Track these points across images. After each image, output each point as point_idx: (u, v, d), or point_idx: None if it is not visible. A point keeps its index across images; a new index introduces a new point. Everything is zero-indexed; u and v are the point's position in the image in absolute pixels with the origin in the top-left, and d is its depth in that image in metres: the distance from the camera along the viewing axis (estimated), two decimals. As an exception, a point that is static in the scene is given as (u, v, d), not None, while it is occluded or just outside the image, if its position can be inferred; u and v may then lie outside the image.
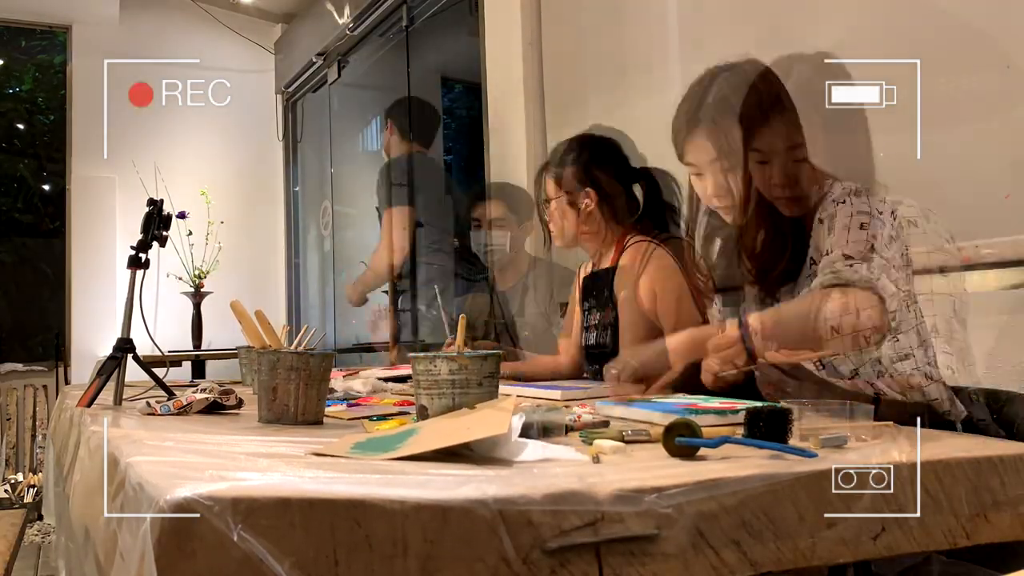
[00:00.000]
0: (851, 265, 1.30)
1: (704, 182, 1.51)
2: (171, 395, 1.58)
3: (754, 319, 1.32)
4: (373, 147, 5.54)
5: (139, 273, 1.75)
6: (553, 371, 2.23)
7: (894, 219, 1.38)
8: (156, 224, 1.79)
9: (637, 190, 2.14)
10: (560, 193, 2.14)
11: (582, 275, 2.24)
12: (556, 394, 1.66)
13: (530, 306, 2.63)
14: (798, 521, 0.85)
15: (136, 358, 1.72)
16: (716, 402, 1.32)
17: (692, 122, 1.48)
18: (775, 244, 1.53)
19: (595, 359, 2.04)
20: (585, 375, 2.15)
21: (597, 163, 2.13)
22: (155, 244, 1.80)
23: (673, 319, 1.88)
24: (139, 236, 1.79)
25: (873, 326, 1.28)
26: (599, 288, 2.10)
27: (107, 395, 1.68)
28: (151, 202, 1.81)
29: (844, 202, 1.39)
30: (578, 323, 2.18)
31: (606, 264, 2.12)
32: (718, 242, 1.59)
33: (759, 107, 1.45)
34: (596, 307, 2.10)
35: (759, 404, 1.04)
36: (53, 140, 5.72)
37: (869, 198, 1.38)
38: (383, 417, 1.38)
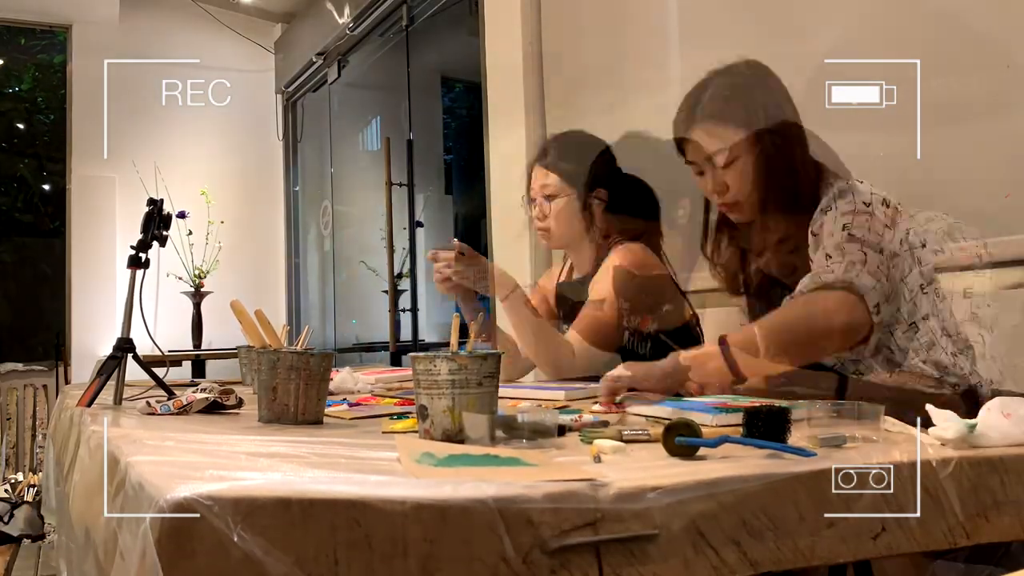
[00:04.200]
0: (829, 266, 1.31)
1: (704, 180, 1.53)
2: (171, 395, 1.58)
3: (737, 337, 1.33)
4: (373, 147, 5.55)
5: (139, 273, 1.75)
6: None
7: (886, 206, 1.39)
8: (156, 224, 1.79)
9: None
10: (570, 191, 2.04)
11: (552, 281, 2.18)
12: (560, 395, 1.65)
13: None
14: (798, 521, 0.85)
15: (136, 358, 1.72)
16: (747, 401, 1.31)
17: (689, 120, 1.50)
18: (733, 251, 1.57)
19: None
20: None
21: (607, 163, 2.06)
22: (155, 244, 1.80)
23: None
24: (139, 236, 1.79)
25: (855, 324, 1.28)
26: (576, 294, 2.04)
27: (107, 395, 1.68)
28: (151, 202, 1.81)
29: (830, 209, 1.41)
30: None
31: (583, 271, 2.07)
32: (726, 243, 1.60)
33: (688, 115, 1.51)
34: (570, 317, 2.05)
35: (775, 403, 1.04)
36: (53, 140, 5.72)
37: (854, 194, 1.39)
38: (401, 416, 1.38)
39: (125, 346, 1.70)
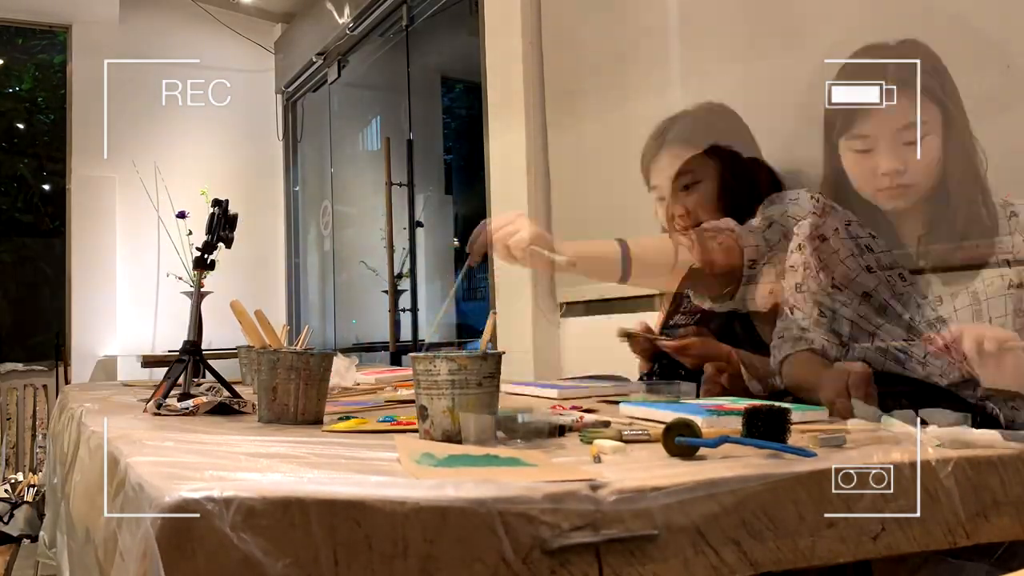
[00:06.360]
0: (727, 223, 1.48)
1: (664, 207, 1.62)
2: (235, 395, 1.55)
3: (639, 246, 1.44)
4: (373, 147, 5.55)
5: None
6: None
7: (816, 200, 1.47)
8: (222, 225, 1.76)
9: None
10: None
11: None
12: (553, 393, 1.65)
13: None
14: (798, 521, 0.85)
15: (202, 360, 1.67)
16: (743, 403, 1.31)
17: (657, 145, 1.63)
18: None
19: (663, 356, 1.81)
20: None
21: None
22: (221, 245, 1.77)
23: None
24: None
25: (719, 257, 1.40)
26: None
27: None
28: (216, 203, 1.77)
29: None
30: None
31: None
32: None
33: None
34: (688, 316, 1.92)
35: (774, 403, 1.04)
36: (53, 140, 5.72)
37: (783, 198, 1.52)
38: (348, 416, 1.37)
39: (191, 349, 1.66)
